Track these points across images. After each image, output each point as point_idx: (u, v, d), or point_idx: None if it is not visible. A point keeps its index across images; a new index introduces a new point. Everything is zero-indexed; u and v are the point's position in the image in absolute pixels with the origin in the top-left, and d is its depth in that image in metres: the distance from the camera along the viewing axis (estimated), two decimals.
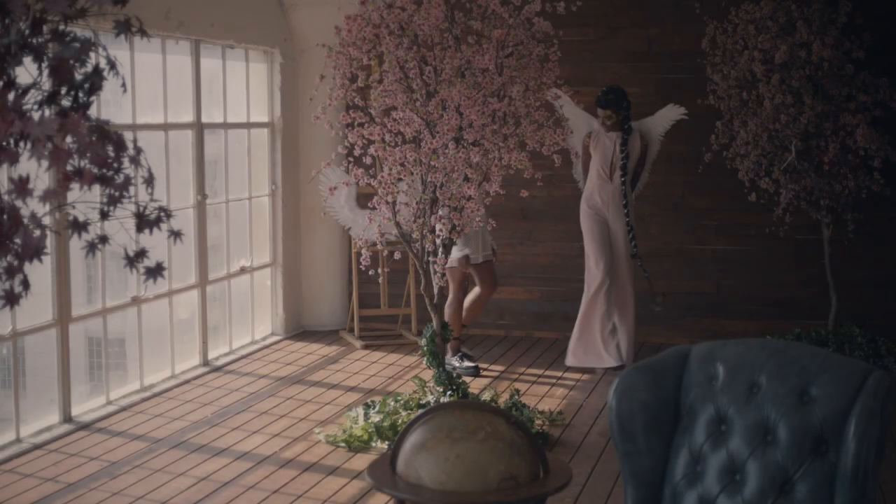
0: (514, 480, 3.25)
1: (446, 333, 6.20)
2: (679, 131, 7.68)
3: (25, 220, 1.75)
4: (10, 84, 1.76)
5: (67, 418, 6.14)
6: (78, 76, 1.82)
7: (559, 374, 7.43)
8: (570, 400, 6.75)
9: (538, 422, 6.02)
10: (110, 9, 1.86)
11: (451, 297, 7.22)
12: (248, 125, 8.26)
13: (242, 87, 8.20)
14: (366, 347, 8.16)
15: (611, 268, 7.35)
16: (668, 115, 7.45)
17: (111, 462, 5.52)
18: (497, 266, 7.57)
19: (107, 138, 1.80)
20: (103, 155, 1.79)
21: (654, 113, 7.53)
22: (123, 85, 1.93)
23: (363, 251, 5.92)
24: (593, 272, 7.40)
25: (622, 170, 7.37)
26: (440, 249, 5.89)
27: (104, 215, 1.87)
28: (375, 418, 5.86)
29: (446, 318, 6.63)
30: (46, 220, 1.89)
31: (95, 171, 1.79)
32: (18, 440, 5.78)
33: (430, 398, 6.00)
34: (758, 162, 7.39)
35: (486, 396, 6.38)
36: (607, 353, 7.38)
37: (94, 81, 1.83)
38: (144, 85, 7.28)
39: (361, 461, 5.54)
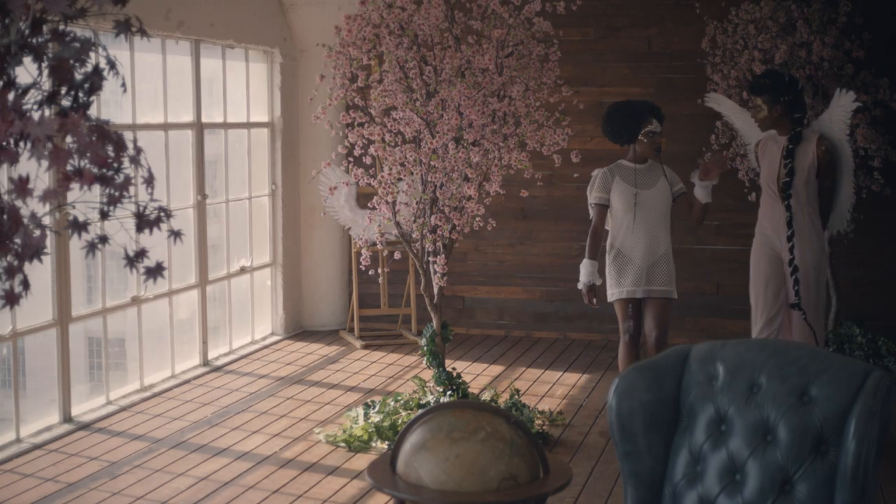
0: (514, 480, 3.25)
1: (446, 333, 6.20)
2: (679, 131, 7.68)
3: (25, 220, 1.75)
4: (10, 84, 1.75)
5: (67, 418, 6.14)
6: (78, 76, 1.82)
7: (559, 374, 7.43)
8: (570, 400, 6.75)
9: (538, 422, 6.02)
10: (110, 9, 1.86)
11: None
12: (248, 125, 8.26)
13: (242, 86, 8.20)
14: (366, 347, 8.15)
15: (779, 322, 5.78)
16: (842, 104, 5.69)
17: (111, 462, 5.52)
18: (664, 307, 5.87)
19: (107, 138, 1.80)
20: (103, 155, 1.79)
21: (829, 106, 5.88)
22: (123, 85, 1.93)
23: (363, 251, 5.92)
24: (754, 325, 5.87)
25: (785, 187, 5.67)
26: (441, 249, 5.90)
27: (104, 215, 1.87)
28: (375, 418, 5.86)
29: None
30: (46, 220, 1.89)
31: (95, 171, 1.79)
32: (18, 440, 5.78)
33: (430, 398, 6.00)
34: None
35: (486, 396, 6.38)
36: None
37: (94, 81, 1.83)
38: (144, 85, 7.29)
39: (361, 461, 5.54)
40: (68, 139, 1.77)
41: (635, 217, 5.78)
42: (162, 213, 1.89)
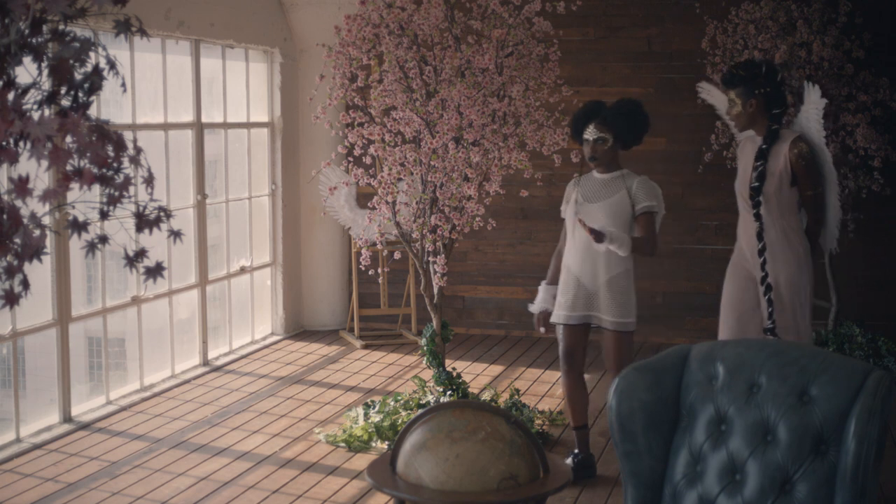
0: (514, 480, 3.25)
1: (446, 333, 6.20)
2: (679, 131, 7.68)
3: (25, 220, 1.75)
4: (10, 84, 1.75)
5: (67, 418, 6.14)
6: (78, 76, 1.82)
7: (559, 374, 7.42)
8: None
9: (538, 422, 6.02)
10: (110, 9, 1.86)
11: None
12: (248, 125, 8.26)
13: (242, 86, 8.20)
14: (366, 347, 8.15)
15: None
16: (813, 101, 5.13)
17: (111, 462, 5.52)
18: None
19: (107, 138, 1.80)
20: (103, 155, 1.79)
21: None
22: (123, 85, 1.93)
23: (363, 251, 5.92)
24: None
25: (754, 193, 5.07)
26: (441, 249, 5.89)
27: (104, 215, 1.87)
28: (375, 418, 5.86)
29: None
30: (46, 220, 1.89)
31: (95, 170, 1.79)
32: (18, 440, 5.78)
33: (430, 398, 6.00)
34: None
35: (486, 396, 6.38)
36: None
37: (94, 81, 1.83)
38: (144, 85, 7.29)
39: (361, 461, 5.54)
40: (68, 139, 1.77)
41: (574, 233, 5.22)
42: (162, 213, 1.89)
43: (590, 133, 5.17)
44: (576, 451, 5.32)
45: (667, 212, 8.22)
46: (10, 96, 1.73)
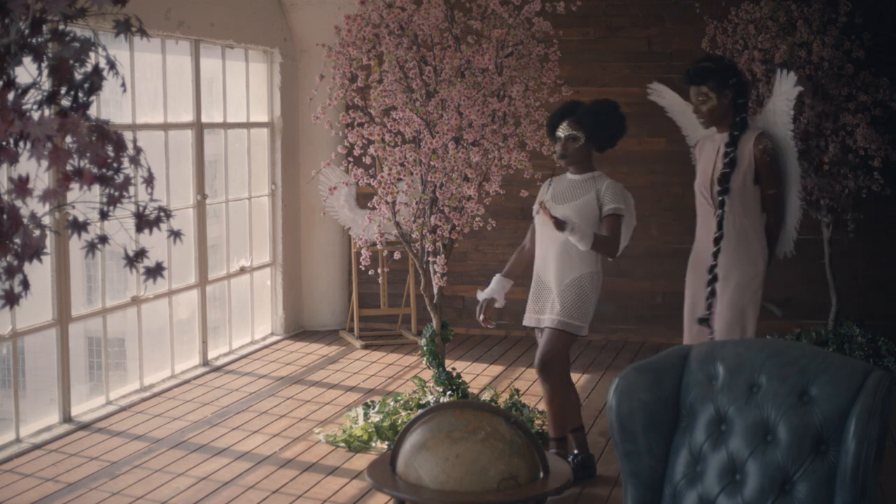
0: (514, 480, 3.25)
1: (446, 333, 6.20)
2: (679, 131, 7.66)
3: (25, 220, 1.75)
4: (10, 84, 1.75)
5: (67, 418, 6.14)
6: (78, 76, 1.82)
7: None
8: None
9: (538, 422, 6.02)
10: (110, 9, 1.86)
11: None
12: (248, 125, 8.26)
13: (242, 86, 8.20)
14: (366, 347, 8.15)
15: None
16: (784, 90, 4.95)
17: (111, 462, 5.52)
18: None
19: (107, 138, 1.80)
20: (103, 155, 1.79)
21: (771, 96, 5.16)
22: (123, 85, 1.93)
23: (363, 251, 5.92)
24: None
25: (723, 179, 4.93)
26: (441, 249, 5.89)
27: (104, 215, 1.87)
28: (375, 418, 5.86)
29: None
30: (46, 220, 1.89)
31: (95, 171, 1.79)
32: (18, 440, 5.78)
33: (430, 398, 6.00)
34: None
35: (486, 396, 6.38)
36: None
37: (94, 81, 1.83)
38: (144, 85, 7.28)
39: (361, 461, 5.54)
40: (68, 139, 1.77)
41: (542, 235, 5.15)
42: (162, 213, 1.89)
43: (562, 130, 5.09)
44: (575, 451, 5.32)
45: (666, 212, 8.26)
46: (10, 96, 1.73)
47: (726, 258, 4.90)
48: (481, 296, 5.30)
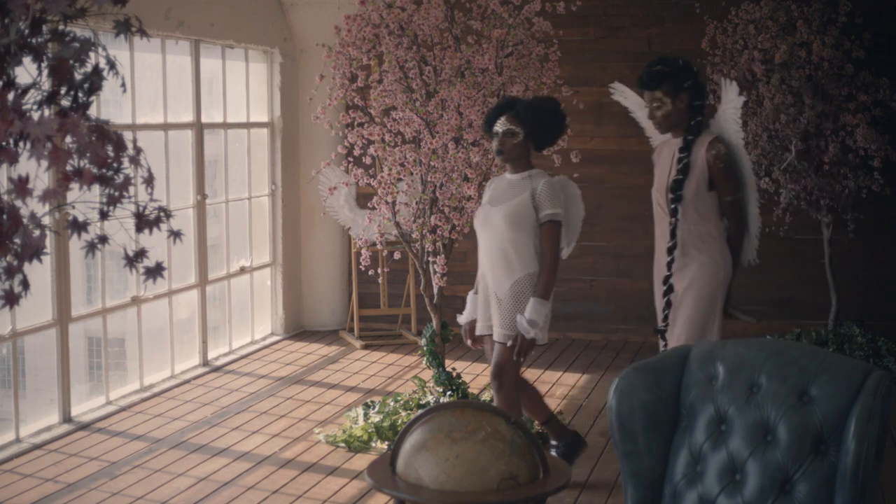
0: (514, 480, 3.25)
1: (446, 333, 6.20)
2: None
3: (25, 220, 1.75)
4: (10, 84, 1.75)
5: (67, 418, 6.14)
6: (78, 76, 1.82)
7: (559, 374, 7.42)
8: (570, 400, 6.75)
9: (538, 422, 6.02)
10: (110, 9, 1.86)
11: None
12: (248, 125, 8.26)
13: (242, 86, 8.20)
14: (366, 347, 8.15)
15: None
16: (730, 98, 4.75)
17: (111, 462, 5.52)
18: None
19: (106, 138, 1.80)
20: (103, 155, 1.79)
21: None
22: (123, 85, 1.93)
23: (363, 251, 5.92)
24: None
25: (675, 186, 4.74)
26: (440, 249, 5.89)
27: (104, 215, 1.87)
28: (375, 418, 5.86)
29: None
30: (46, 220, 1.89)
31: (95, 171, 1.79)
32: (18, 440, 5.78)
33: (430, 398, 6.00)
34: (758, 162, 7.38)
35: (486, 396, 6.38)
36: None
37: (94, 81, 1.83)
38: (144, 85, 7.28)
39: (361, 461, 5.54)
40: (68, 139, 1.77)
41: (479, 238, 4.94)
42: (162, 213, 1.89)
43: (500, 125, 4.84)
44: (553, 442, 5.24)
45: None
46: (10, 96, 1.73)
47: (684, 268, 4.71)
48: (461, 319, 5.10)
